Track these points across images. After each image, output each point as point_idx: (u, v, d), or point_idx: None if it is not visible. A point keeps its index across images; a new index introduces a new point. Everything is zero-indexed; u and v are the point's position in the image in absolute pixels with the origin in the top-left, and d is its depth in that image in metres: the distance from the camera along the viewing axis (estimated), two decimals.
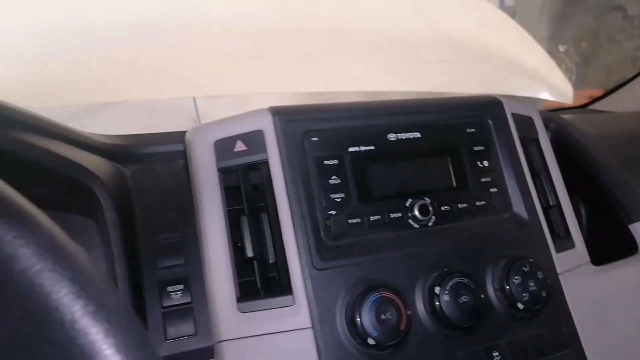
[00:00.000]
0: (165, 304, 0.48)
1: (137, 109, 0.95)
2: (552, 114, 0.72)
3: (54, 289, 0.20)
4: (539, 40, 1.20)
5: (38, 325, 0.19)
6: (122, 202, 0.49)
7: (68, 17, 0.79)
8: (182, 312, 0.48)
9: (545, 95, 1.11)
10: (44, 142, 0.45)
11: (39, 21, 0.78)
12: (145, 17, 0.85)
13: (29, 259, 0.20)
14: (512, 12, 1.84)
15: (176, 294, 0.48)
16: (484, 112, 0.59)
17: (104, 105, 0.92)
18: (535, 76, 1.12)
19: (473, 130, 0.58)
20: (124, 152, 0.54)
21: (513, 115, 0.60)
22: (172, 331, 0.48)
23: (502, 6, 1.81)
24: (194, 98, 1.03)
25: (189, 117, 1.02)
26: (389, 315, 0.46)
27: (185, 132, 0.55)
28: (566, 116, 0.74)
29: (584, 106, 1.06)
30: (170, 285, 0.48)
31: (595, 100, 1.04)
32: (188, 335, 0.48)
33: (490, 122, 0.59)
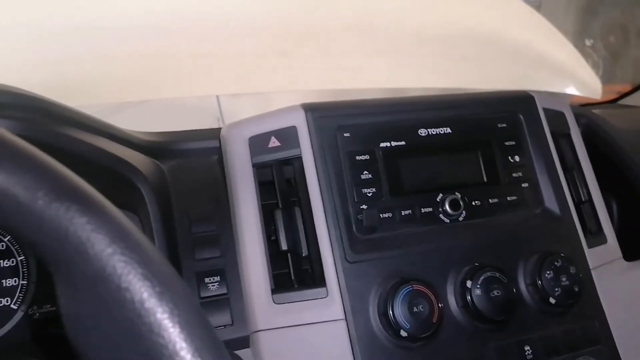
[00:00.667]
0: (203, 294, 0.50)
1: (160, 108, 0.97)
2: (584, 109, 0.71)
3: (124, 271, 0.21)
4: (564, 34, 1.19)
5: (111, 304, 0.21)
6: (162, 196, 0.50)
7: (92, 17, 0.81)
8: (218, 303, 0.50)
9: (572, 91, 1.10)
10: (89, 138, 0.47)
11: (64, 21, 0.80)
12: (169, 16, 0.86)
13: (101, 243, 0.21)
14: (536, 6, 1.80)
15: (213, 285, 0.50)
16: (515, 107, 0.59)
17: (127, 105, 0.93)
18: (562, 71, 1.10)
19: (504, 125, 0.58)
20: (161, 148, 0.56)
21: (545, 110, 0.60)
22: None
23: None
24: (217, 96, 1.05)
25: (213, 115, 1.03)
26: (421, 308, 0.47)
27: (219, 128, 0.57)
28: (597, 111, 0.73)
29: (612, 101, 1.04)
30: (208, 277, 0.50)
31: (624, 95, 1.02)
32: (224, 325, 0.49)
33: (521, 117, 0.59)
